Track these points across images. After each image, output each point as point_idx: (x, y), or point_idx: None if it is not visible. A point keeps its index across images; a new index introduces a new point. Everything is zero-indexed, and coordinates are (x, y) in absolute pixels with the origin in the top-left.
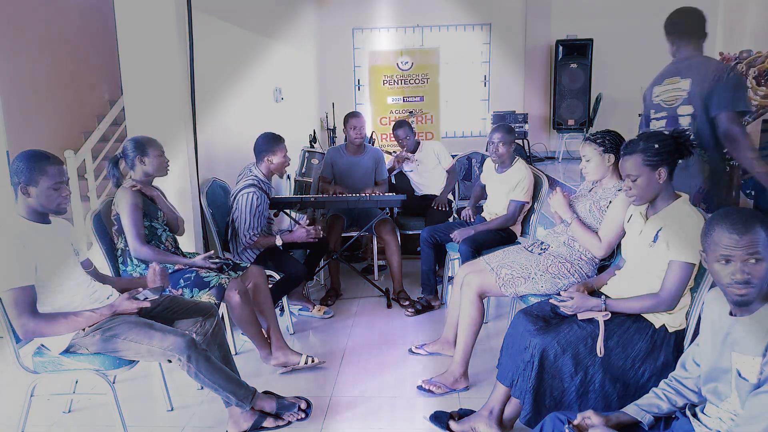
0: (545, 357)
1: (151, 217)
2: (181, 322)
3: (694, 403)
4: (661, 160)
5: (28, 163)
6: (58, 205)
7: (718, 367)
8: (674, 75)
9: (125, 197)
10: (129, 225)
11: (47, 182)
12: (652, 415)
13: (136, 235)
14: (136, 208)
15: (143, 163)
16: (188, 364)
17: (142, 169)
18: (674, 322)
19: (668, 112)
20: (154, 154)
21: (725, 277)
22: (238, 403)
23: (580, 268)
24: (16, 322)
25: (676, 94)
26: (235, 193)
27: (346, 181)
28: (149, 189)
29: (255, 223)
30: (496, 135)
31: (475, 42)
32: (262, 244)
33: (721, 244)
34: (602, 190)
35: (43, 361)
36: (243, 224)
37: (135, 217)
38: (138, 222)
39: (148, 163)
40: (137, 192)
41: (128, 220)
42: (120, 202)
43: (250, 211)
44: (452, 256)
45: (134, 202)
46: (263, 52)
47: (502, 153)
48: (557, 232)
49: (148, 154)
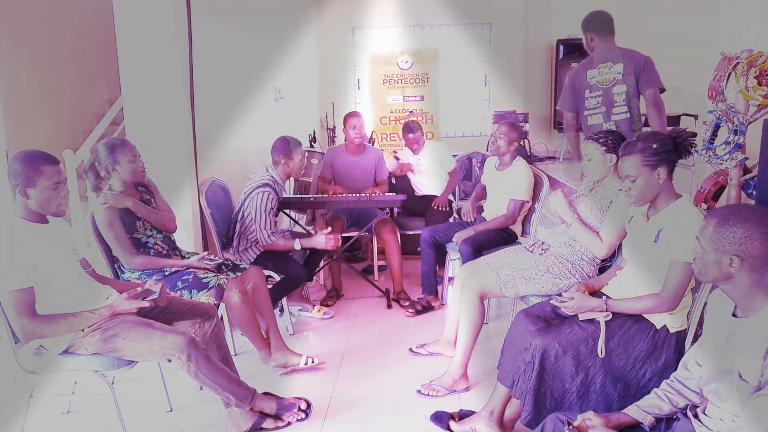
0: (546, 358)
1: (130, 229)
2: (180, 323)
3: (695, 404)
4: (660, 160)
5: (24, 164)
6: (58, 206)
7: (720, 368)
8: (606, 61)
9: (101, 217)
10: (113, 241)
11: (45, 182)
12: (653, 415)
13: (123, 250)
14: (114, 224)
15: (116, 171)
16: (188, 363)
17: (117, 176)
18: (675, 323)
19: (603, 91)
20: (126, 160)
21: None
22: (237, 404)
23: (581, 269)
24: (16, 324)
25: (611, 76)
26: (249, 190)
27: (346, 181)
28: (121, 200)
29: (270, 222)
30: (499, 127)
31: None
32: (282, 245)
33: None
34: (603, 189)
35: (42, 362)
36: (260, 223)
37: (116, 234)
38: (120, 236)
39: (120, 170)
40: (109, 208)
41: (111, 236)
42: (98, 222)
43: (266, 209)
44: (453, 257)
45: (110, 219)
46: (263, 52)
47: (499, 146)
48: (558, 232)
49: (119, 161)
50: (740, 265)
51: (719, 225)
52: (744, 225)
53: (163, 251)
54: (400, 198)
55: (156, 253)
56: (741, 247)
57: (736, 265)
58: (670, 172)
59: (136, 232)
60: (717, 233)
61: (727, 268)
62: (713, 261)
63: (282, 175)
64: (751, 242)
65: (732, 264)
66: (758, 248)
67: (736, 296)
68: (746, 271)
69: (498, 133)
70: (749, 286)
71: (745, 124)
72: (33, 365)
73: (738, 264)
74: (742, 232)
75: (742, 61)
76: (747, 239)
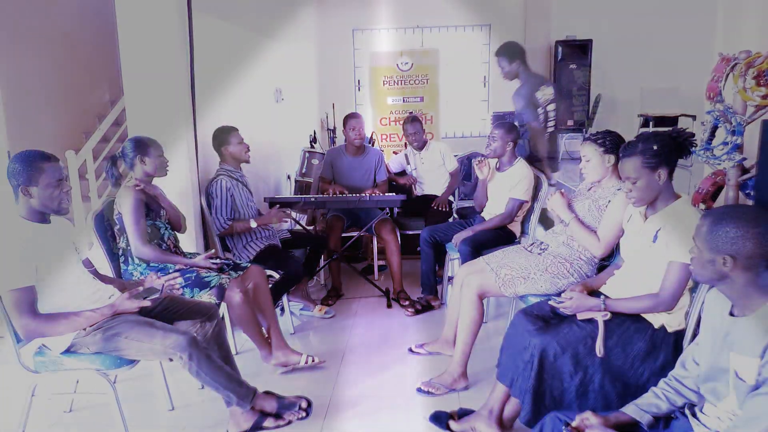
0: (545, 357)
1: (154, 215)
2: (182, 322)
3: (693, 403)
4: (660, 161)
5: (24, 163)
6: (60, 204)
7: (717, 367)
8: (542, 84)
9: (128, 196)
10: (131, 224)
11: (47, 179)
12: (651, 414)
13: (138, 234)
14: (139, 207)
15: (144, 163)
16: (189, 362)
17: (143, 169)
18: (673, 322)
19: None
20: (155, 154)
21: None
22: (238, 403)
23: (579, 268)
24: (17, 323)
25: (549, 97)
26: (207, 189)
27: (346, 182)
28: (151, 188)
29: (228, 209)
30: (493, 130)
31: (474, 42)
32: (237, 229)
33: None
34: (601, 189)
35: (44, 361)
36: (216, 211)
37: (137, 216)
38: (140, 221)
39: (148, 163)
40: (140, 191)
41: (131, 219)
42: (123, 201)
43: (221, 195)
44: (452, 256)
45: (137, 200)
46: (263, 52)
47: (494, 148)
48: (556, 232)
49: (149, 154)
50: (734, 264)
51: (713, 225)
52: (737, 225)
53: (172, 248)
54: (400, 198)
55: (166, 248)
56: (734, 247)
57: (729, 264)
58: (670, 173)
59: (159, 220)
60: (711, 233)
61: (721, 267)
62: (708, 260)
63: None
64: (744, 242)
65: (725, 264)
66: (751, 248)
67: (733, 296)
68: (740, 271)
69: (493, 135)
70: (744, 285)
71: (743, 124)
72: (35, 364)
73: (731, 264)
74: (735, 232)
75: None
76: (740, 239)
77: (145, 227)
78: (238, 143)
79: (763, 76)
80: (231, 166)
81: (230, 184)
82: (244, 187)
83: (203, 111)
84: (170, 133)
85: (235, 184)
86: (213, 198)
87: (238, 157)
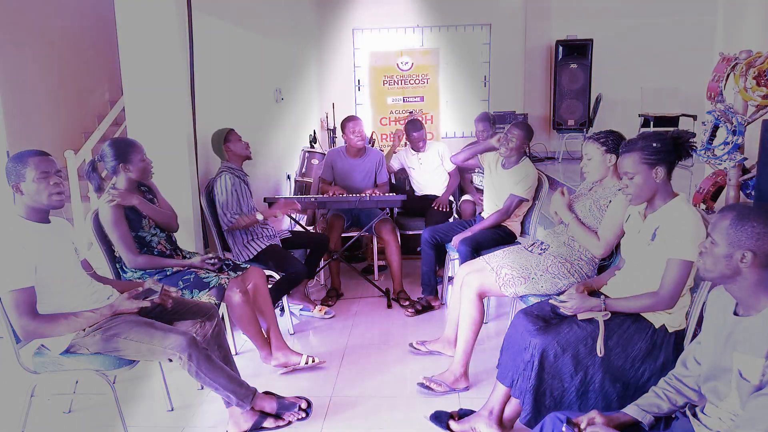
0: (545, 357)
1: (135, 227)
2: (181, 323)
3: (694, 403)
4: (659, 159)
5: (14, 161)
6: (50, 197)
7: (719, 366)
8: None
9: (106, 214)
10: (117, 240)
11: (32, 173)
12: (652, 414)
13: (126, 248)
14: (120, 221)
15: (127, 170)
16: (189, 362)
17: (126, 176)
18: (674, 322)
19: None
20: (137, 159)
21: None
22: (238, 403)
23: (579, 268)
24: (17, 323)
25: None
26: (211, 185)
27: (347, 183)
28: (128, 198)
29: (234, 204)
30: (511, 129)
31: (475, 42)
32: (244, 222)
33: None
34: (602, 189)
35: (43, 362)
36: (224, 206)
37: (121, 232)
38: (125, 235)
39: (132, 169)
40: (116, 206)
41: (116, 234)
42: (103, 220)
43: (227, 190)
44: (452, 257)
45: (116, 215)
46: (263, 52)
47: (512, 148)
48: (557, 232)
49: (131, 160)
50: (752, 260)
51: (737, 219)
52: (764, 222)
53: (165, 251)
54: (400, 198)
55: (159, 253)
56: (757, 243)
57: (748, 260)
58: (669, 172)
59: (142, 230)
60: (734, 227)
61: (738, 263)
62: (724, 255)
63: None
64: (767, 239)
65: (744, 259)
66: None
67: (741, 294)
68: (756, 268)
69: (510, 136)
70: (755, 283)
71: (743, 124)
72: (34, 365)
73: (750, 259)
74: (762, 228)
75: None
76: (764, 236)
77: (131, 239)
78: (237, 140)
79: (764, 76)
80: (234, 164)
81: (233, 180)
82: (246, 185)
83: (203, 111)
84: (170, 132)
85: (238, 182)
86: (218, 194)
87: (240, 154)
